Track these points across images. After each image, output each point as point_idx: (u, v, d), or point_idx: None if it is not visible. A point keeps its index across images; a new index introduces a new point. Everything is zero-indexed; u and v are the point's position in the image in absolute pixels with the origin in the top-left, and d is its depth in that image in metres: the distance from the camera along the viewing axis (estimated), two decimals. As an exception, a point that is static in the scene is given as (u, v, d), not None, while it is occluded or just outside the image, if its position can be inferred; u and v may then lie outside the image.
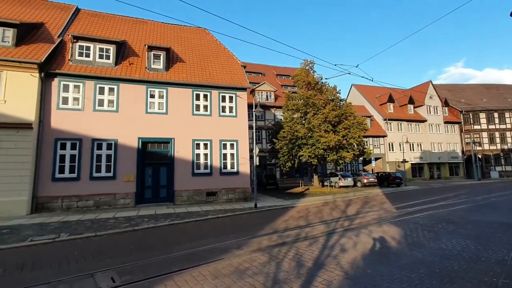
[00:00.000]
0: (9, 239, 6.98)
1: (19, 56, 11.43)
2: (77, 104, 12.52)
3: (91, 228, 8.25)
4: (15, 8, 14.66)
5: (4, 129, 10.84)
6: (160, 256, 5.39)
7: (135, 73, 13.68)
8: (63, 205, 11.67)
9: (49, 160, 11.71)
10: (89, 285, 4.02)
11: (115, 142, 12.81)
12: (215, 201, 14.01)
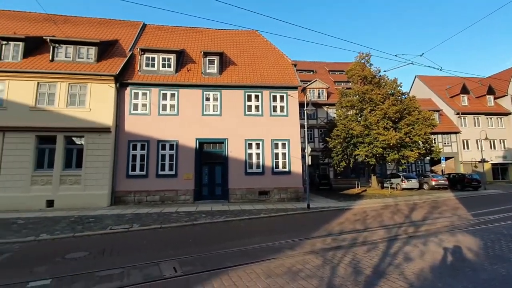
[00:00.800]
0: (94, 227, 8.20)
1: (99, 70, 13.33)
2: (145, 109, 14.02)
3: (157, 220, 9.15)
4: (96, 29, 17.13)
5: (90, 133, 12.79)
6: (216, 251, 5.68)
7: (192, 79, 14.70)
8: (135, 199, 13.20)
9: (124, 159, 13.38)
10: (155, 272, 4.46)
11: (176, 143, 13.96)
12: (267, 200, 14.16)
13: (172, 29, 19.22)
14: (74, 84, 13.14)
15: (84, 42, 13.89)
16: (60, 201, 12.11)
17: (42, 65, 13.07)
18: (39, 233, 7.38)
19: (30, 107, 12.53)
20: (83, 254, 5.60)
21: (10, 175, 11.95)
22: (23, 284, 4.01)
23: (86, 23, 17.75)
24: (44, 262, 5.13)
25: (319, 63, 35.02)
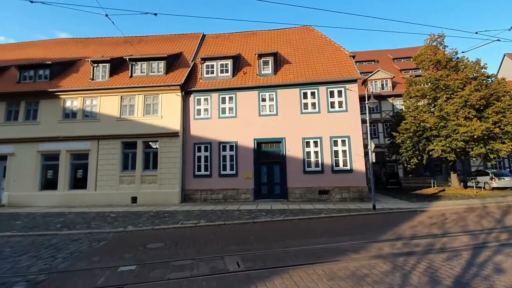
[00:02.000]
0: (169, 221, 9.21)
1: (168, 81, 14.87)
2: (206, 113, 15.08)
3: (221, 217, 9.75)
4: (164, 45, 19.15)
5: (163, 138, 14.39)
6: (276, 249, 5.78)
7: (248, 81, 15.19)
8: (202, 197, 14.31)
9: (190, 161, 14.64)
10: (220, 266, 4.78)
11: (235, 144, 14.63)
12: (328, 199, 13.70)
13: (228, 36, 20.20)
14: (149, 95, 14.96)
15: (155, 58, 15.71)
16: (141, 197, 13.95)
17: (124, 81, 15.25)
18: (126, 225, 8.65)
19: (116, 118, 14.75)
20: (160, 245, 6.35)
21: (105, 176, 14.29)
22: (115, 268, 4.77)
23: (156, 41, 20.01)
24: (130, 250, 6.00)
25: (381, 52, 32.24)
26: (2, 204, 14.28)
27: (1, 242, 7.06)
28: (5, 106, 15.44)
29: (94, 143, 14.55)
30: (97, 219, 9.96)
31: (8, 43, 23.22)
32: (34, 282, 4.23)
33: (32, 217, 10.59)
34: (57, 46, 20.93)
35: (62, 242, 6.81)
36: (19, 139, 14.78)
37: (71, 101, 15.30)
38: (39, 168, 14.75)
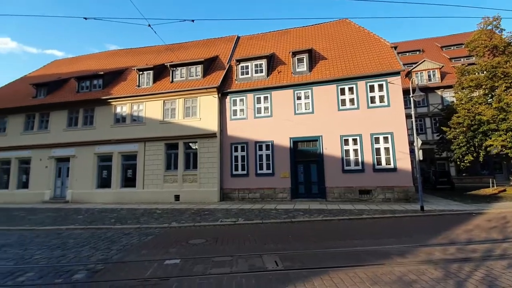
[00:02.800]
0: (209, 219, 9.59)
1: (205, 84, 15.46)
2: (242, 114, 15.36)
3: (259, 216, 9.87)
4: (201, 50, 19.93)
5: (201, 139, 15.02)
6: (315, 250, 5.68)
7: (283, 80, 15.11)
8: (239, 195, 14.63)
9: (228, 160, 15.05)
10: (258, 263, 4.85)
11: (271, 143, 14.67)
12: (370, 199, 13.05)
13: (262, 36, 20.31)
14: (188, 98, 15.72)
15: (192, 63, 16.45)
16: (183, 196, 14.73)
17: (165, 86, 16.23)
18: (170, 221, 9.21)
19: (160, 121, 15.77)
20: (201, 241, 6.65)
21: (151, 175, 15.38)
22: (162, 261, 5.12)
23: (194, 46, 20.92)
24: (174, 245, 6.39)
25: (427, 40, 29.71)
26: (66, 201, 16.18)
27: (67, 233, 8.01)
28: (67, 114, 17.46)
29: (141, 144, 15.74)
30: (145, 215, 10.76)
31: (67, 58, 26.19)
32: (93, 271, 4.72)
33: (91, 212, 11.83)
34: (108, 58, 23.03)
35: (116, 236, 7.50)
36: (79, 142, 16.61)
37: (121, 107, 16.74)
38: (95, 168, 16.40)
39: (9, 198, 17.11)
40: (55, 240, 7.20)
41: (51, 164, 17.07)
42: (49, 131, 17.47)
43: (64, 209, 13.16)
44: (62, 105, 17.37)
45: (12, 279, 4.42)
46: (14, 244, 6.82)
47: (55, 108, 17.53)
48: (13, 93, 20.28)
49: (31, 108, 17.97)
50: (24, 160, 17.74)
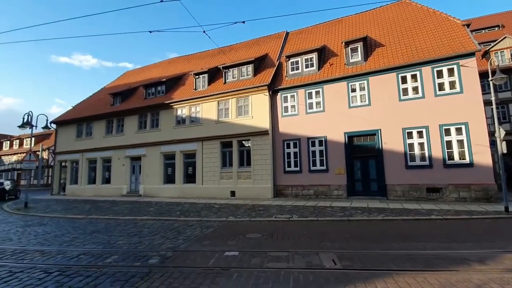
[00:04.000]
0: (263, 214, 9.84)
1: (256, 83, 15.79)
2: (294, 110, 15.25)
3: (313, 213, 9.73)
4: (251, 49, 20.36)
5: (254, 136, 15.43)
6: (376, 250, 5.38)
7: (335, 72, 14.50)
8: (292, 192, 14.62)
9: (280, 157, 15.15)
10: (315, 261, 4.82)
11: (324, 138, 14.25)
12: (440, 198, 11.70)
13: (312, 28, 19.76)
14: (240, 98, 16.28)
15: (243, 63, 16.94)
16: (239, 192, 15.37)
17: (219, 88, 17.07)
18: (228, 216, 9.73)
19: (215, 121, 16.69)
20: (257, 235, 6.89)
21: (208, 172, 16.44)
22: (222, 252, 5.47)
23: (244, 47, 21.50)
24: (232, 237, 6.75)
25: (508, 14, 24.97)
26: (139, 194, 18.38)
27: (141, 223, 9.14)
28: (137, 118, 19.75)
29: (199, 144, 16.92)
30: (205, 209, 11.58)
31: (135, 69, 29.55)
32: (165, 257, 5.31)
33: (160, 205, 13.22)
34: (169, 65, 25.25)
35: (181, 227, 8.26)
36: (148, 143, 18.66)
37: (181, 110, 18.23)
38: (162, 166, 18.23)
39: (96, 191, 20.25)
40: (133, 228, 8.28)
41: (127, 163, 19.58)
42: (124, 134, 20.04)
43: (138, 202, 14.99)
44: (133, 111, 19.72)
45: (101, 260, 5.26)
46: (102, 231, 8.07)
47: (128, 113, 20.01)
48: (96, 102, 23.81)
49: (110, 115, 20.85)
50: (106, 160, 20.72)
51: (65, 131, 22.99)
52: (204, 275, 4.23)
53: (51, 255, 5.62)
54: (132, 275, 4.36)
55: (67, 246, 6.38)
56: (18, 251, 6.01)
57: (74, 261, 5.23)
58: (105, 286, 3.96)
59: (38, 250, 6.02)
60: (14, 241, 6.98)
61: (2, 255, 5.69)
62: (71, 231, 8.07)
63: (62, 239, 7.06)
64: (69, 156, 22.31)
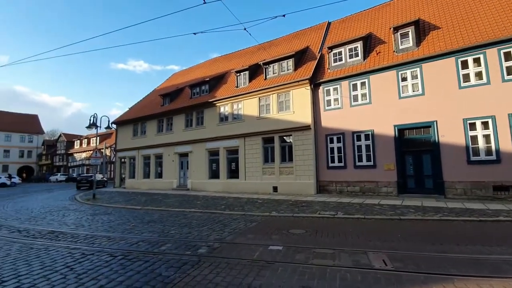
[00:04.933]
0: (306, 210, 9.72)
1: (297, 77, 15.53)
2: (337, 103, 14.68)
3: (360, 211, 9.31)
4: (291, 43, 20.06)
5: (296, 132, 15.26)
6: (432, 253, 4.96)
7: (382, 61, 13.54)
8: (337, 188, 14.16)
9: (323, 152, 14.74)
10: (363, 260, 4.62)
11: (371, 132, 13.46)
12: (510, 198, 10.27)
13: (356, 16, 18.67)
14: (281, 93, 16.20)
15: (283, 58, 16.78)
16: (281, 187, 15.40)
17: (260, 84, 17.20)
18: (271, 211, 9.84)
19: (256, 117, 16.90)
20: (301, 231, 6.85)
21: (251, 168, 16.76)
22: (266, 246, 5.57)
23: (284, 41, 21.27)
24: (276, 232, 6.82)
25: None
26: (187, 188, 19.57)
27: (190, 215, 9.75)
28: (184, 117, 20.96)
29: (241, 140, 17.32)
30: (248, 203, 11.86)
31: (181, 70, 31.28)
32: (212, 248, 5.60)
33: (206, 199, 13.92)
34: (211, 65, 26.22)
35: (227, 220, 8.61)
36: (194, 140, 19.71)
37: (223, 107, 18.84)
38: (207, 162, 19.13)
39: (150, 185, 22.13)
40: (183, 219, 8.88)
41: (176, 159, 20.97)
42: (173, 132, 21.47)
43: (186, 195, 15.98)
44: (180, 110, 20.97)
45: (157, 247, 5.76)
46: (156, 221, 8.81)
47: (176, 113, 21.36)
48: (148, 103, 25.89)
49: (160, 115, 22.50)
50: (158, 156, 22.47)
51: (123, 131, 25.50)
52: (250, 267, 4.36)
53: (115, 241, 6.33)
54: (184, 262, 4.70)
55: (128, 233, 7.12)
56: (89, 236, 6.90)
57: (134, 247, 5.82)
58: (161, 271, 4.34)
59: (104, 236, 6.83)
60: (85, 227, 8.02)
61: (76, 239, 6.58)
62: (131, 220, 8.98)
63: (123, 227, 7.90)
64: (127, 153, 24.76)
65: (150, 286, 3.79)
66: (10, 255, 5.38)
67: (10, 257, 5.24)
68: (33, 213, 11.04)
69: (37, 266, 4.69)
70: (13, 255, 5.34)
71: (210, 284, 3.80)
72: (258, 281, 3.86)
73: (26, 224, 8.68)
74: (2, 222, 9.12)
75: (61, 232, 7.44)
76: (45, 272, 4.37)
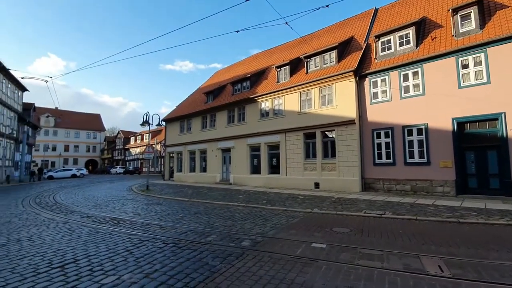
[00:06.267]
0: (350, 208, 9.36)
1: (340, 69, 14.89)
2: (385, 96, 13.74)
3: (411, 211, 8.66)
4: (334, 34, 19.25)
5: (339, 127, 14.71)
6: (497, 261, 4.42)
7: (439, 47, 12.26)
8: (384, 186, 13.34)
9: (369, 148, 13.97)
10: (415, 265, 4.31)
11: (425, 126, 12.36)
12: None
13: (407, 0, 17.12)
14: (323, 87, 15.70)
15: (326, 50, 16.19)
16: (323, 184, 15.04)
17: (301, 78, 16.90)
18: (312, 207, 9.69)
19: (297, 112, 16.67)
20: (346, 230, 6.64)
21: (292, 163, 16.66)
22: (309, 243, 5.53)
23: (327, 32, 20.51)
24: (318, 230, 6.71)
25: None
26: (230, 183, 20.24)
27: (233, 208, 10.10)
28: (226, 113, 21.61)
29: (282, 135, 17.28)
30: (289, 199, 11.84)
31: (223, 68, 32.19)
32: (255, 241, 5.75)
33: (248, 194, 14.26)
34: (252, 61, 26.49)
35: (268, 215, 8.73)
36: (236, 136, 20.24)
37: (264, 103, 18.96)
38: (248, 157, 19.52)
39: (196, 178, 23.41)
40: (226, 212, 9.25)
41: (219, 154, 21.80)
42: (216, 128, 22.32)
43: (229, 190, 16.55)
44: (223, 107, 21.67)
45: (204, 237, 6.10)
46: (202, 212, 9.32)
47: (218, 109, 22.13)
48: (193, 101, 27.26)
49: (204, 112, 23.53)
50: (202, 151, 23.61)
51: (172, 127, 27.29)
52: (293, 263, 4.39)
53: (167, 229, 6.88)
54: (229, 254, 4.91)
55: (177, 223, 7.67)
56: (144, 224, 7.60)
57: (183, 236, 6.25)
58: (207, 260, 4.61)
59: (158, 224, 7.46)
60: (141, 216, 8.84)
61: (134, 226, 7.30)
62: (180, 211, 9.64)
63: (173, 217, 8.52)
64: (175, 148, 26.49)
65: (198, 273, 4.05)
66: (81, 237, 6.21)
67: (81, 239, 6.05)
68: (98, 201, 12.51)
69: (103, 248, 5.34)
70: (84, 238, 6.15)
71: (254, 276, 3.93)
72: (301, 277, 3.86)
73: (93, 211, 9.89)
74: (74, 208, 10.54)
75: (121, 219, 8.32)
76: (109, 254, 4.96)
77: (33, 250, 5.29)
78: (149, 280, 3.84)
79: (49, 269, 4.26)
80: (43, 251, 5.18)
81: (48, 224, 7.67)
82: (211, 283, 3.73)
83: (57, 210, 10.25)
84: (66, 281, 3.81)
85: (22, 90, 31.67)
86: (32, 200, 13.28)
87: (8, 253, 5.12)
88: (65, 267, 4.36)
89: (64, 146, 60.65)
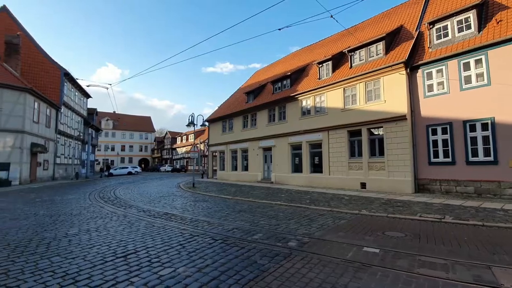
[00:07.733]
0: (404, 211, 8.69)
1: (389, 61, 13.91)
2: (441, 88, 12.47)
3: (476, 216, 7.73)
4: (381, 24, 18.04)
5: (387, 123, 13.77)
6: None
7: (506, 32, 10.71)
8: (442, 188, 12.14)
9: (423, 146, 12.83)
10: (487, 277, 3.82)
11: (491, 120, 10.94)
12: None
13: (468, -22, 15.23)
14: (369, 81, 14.84)
15: (371, 42, 15.26)
16: (370, 184, 14.24)
17: (345, 73, 16.18)
18: (360, 209, 9.22)
19: (341, 109, 16.02)
20: (400, 234, 6.17)
21: (335, 162, 16.09)
22: (360, 247, 5.26)
23: (372, 23, 19.33)
24: (369, 233, 6.35)
25: None
26: (271, 182, 20.29)
27: (276, 207, 10.09)
28: (267, 112, 21.70)
29: (324, 133, 16.77)
30: (334, 199, 11.43)
31: (263, 67, 32.34)
32: (302, 242, 5.65)
33: (290, 193, 14.13)
34: (292, 59, 26.18)
35: (313, 215, 8.53)
36: (277, 135, 20.21)
37: (305, 101, 18.60)
38: (290, 156, 19.35)
39: (238, 177, 23.96)
40: (270, 211, 9.28)
41: (260, 153, 22.00)
42: (257, 127, 22.56)
43: (271, 188, 16.60)
44: (263, 106, 21.80)
45: (250, 235, 6.19)
46: (246, 210, 9.48)
47: (259, 109, 22.32)
48: (234, 101, 27.91)
49: (245, 111, 23.95)
50: (244, 150, 24.07)
51: (214, 127, 28.32)
52: (344, 267, 4.21)
53: (214, 226, 7.14)
54: (276, 253, 4.91)
55: (224, 220, 7.92)
56: (193, 219, 7.99)
57: (230, 233, 6.43)
58: (255, 258, 4.66)
59: (205, 221, 7.79)
60: (190, 212, 9.33)
61: (184, 221, 7.73)
62: (225, 208, 9.95)
63: (220, 214, 8.82)
64: (218, 148, 27.45)
65: (248, 271, 4.12)
66: (139, 230, 6.76)
67: (140, 231, 6.59)
68: (151, 197, 13.54)
69: (159, 241, 5.75)
70: (142, 230, 6.69)
71: (304, 278, 3.86)
72: (355, 283, 3.69)
73: (148, 206, 10.72)
74: (132, 203, 11.55)
75: (172, 214, 8.88)
76: (164, 247, 5.31)
77: (100, 240, 5.91)
78: (202, 274, 4.01)
79: (114, 258, 4.71)
80: (108, 241, 5.75)
81: (111, 217, 8.51)
82: (261, 281, 3.76)
83: (117, 204, 11.34)
84: (129, 270, 4.17)
85: (86, 97, 35.69)
86: (97, 194, 14.90)
87: (80, 242, 5.79)
88: (128, 257, 4.78)
89: (121, 146, 67.38)
